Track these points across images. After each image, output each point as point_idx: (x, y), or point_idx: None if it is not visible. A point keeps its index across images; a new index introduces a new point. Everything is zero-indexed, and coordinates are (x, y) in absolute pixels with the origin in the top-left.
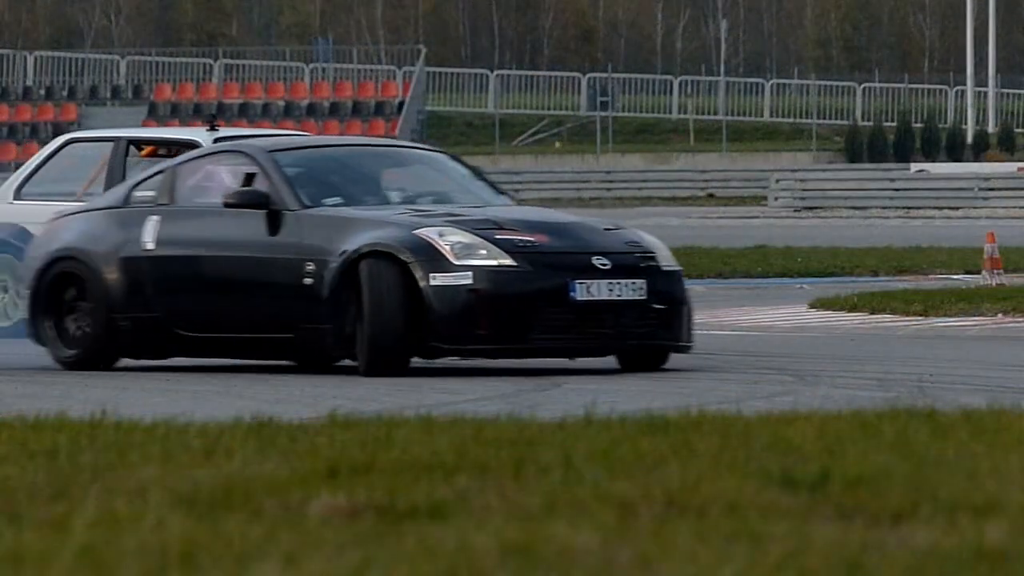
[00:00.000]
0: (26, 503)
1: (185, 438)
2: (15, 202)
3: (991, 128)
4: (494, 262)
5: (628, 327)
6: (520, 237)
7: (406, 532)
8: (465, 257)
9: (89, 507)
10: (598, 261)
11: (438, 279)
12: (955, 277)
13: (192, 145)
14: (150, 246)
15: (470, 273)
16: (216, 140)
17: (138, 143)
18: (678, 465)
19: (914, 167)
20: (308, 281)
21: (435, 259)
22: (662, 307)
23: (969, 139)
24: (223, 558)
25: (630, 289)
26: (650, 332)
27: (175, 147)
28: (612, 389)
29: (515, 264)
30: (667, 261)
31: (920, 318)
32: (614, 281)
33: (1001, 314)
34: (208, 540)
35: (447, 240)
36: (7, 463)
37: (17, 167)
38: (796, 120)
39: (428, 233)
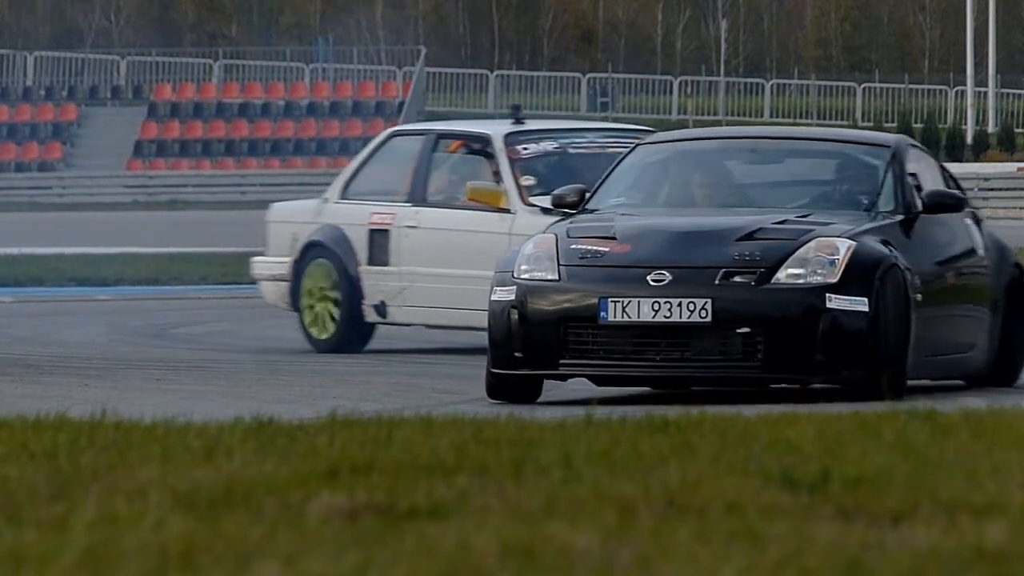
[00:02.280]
0: (26, 503)
1: (185, 438)
2: (341, 202)
3: (991, 128)
4: (541, 277)
5: (696, 353)
6: (593, 247)
7: (406, 532)
8: (525, 270)
9: (89, 507)
10: (653, 276)
11: (497, 294)
12: None
13: (484, 139)
14: None
15: (514, 288)
16: (508, 135)
17: (447, 137)
18: (678, 465)
19: None
20: None
21: (509, 272)
22: (745, 330)
23: (969, 139)
24: (223, 558)
25: (684, 309)
26: (727, 362)
27: (475, 141)
28: (612, 389)
29: (555, 279)
30: (814, 277)
31: None
32: (662, 300)
33: None
34: (208, 540)
35: (526, 251)
36: (7, 463)
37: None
38: (796, 120)
39: (525, 243)
